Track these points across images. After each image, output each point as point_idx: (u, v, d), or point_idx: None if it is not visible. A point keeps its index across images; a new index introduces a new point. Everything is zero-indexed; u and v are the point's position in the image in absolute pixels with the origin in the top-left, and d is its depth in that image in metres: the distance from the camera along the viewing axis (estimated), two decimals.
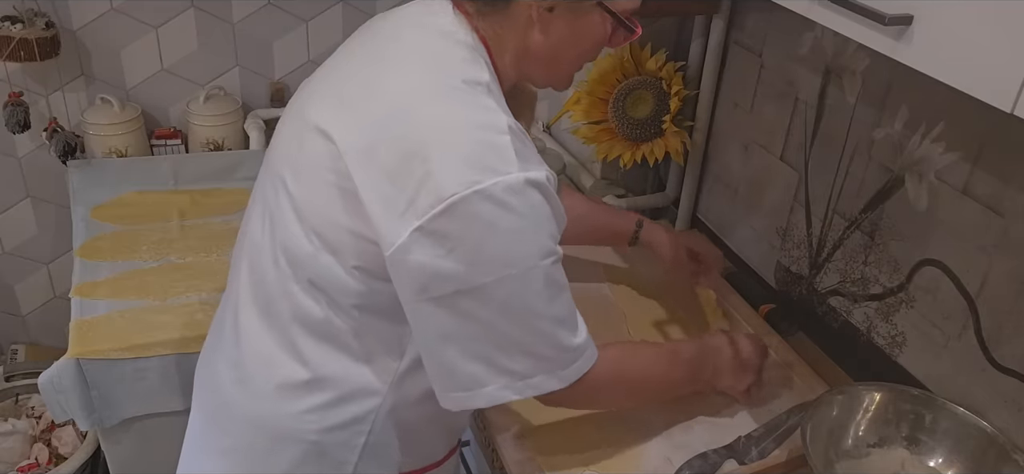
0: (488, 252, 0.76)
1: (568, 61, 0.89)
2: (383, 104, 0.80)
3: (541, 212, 0.77)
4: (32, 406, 1.93)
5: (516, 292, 0.78)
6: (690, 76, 1.51)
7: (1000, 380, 1.02)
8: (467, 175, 0.74)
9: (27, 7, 1.77)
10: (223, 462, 0.94)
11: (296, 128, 0.87)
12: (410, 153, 0.76)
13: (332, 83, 0.88)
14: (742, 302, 1.35)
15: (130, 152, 1.93)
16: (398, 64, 0.83)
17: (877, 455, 1.03)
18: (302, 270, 0.84)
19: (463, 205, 0.74)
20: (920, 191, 1.10)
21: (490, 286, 0.77)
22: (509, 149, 0.76)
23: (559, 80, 0.92)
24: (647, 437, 1.07)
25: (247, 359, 0.91)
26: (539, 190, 0.77)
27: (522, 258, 0.77)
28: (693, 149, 1.54)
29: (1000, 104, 0.63)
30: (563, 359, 0.84)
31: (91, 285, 1.52)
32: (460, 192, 0.73)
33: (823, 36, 1.23)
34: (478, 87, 0.80)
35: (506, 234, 0.75)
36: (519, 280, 0.77)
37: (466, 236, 0.75)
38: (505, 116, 0.79)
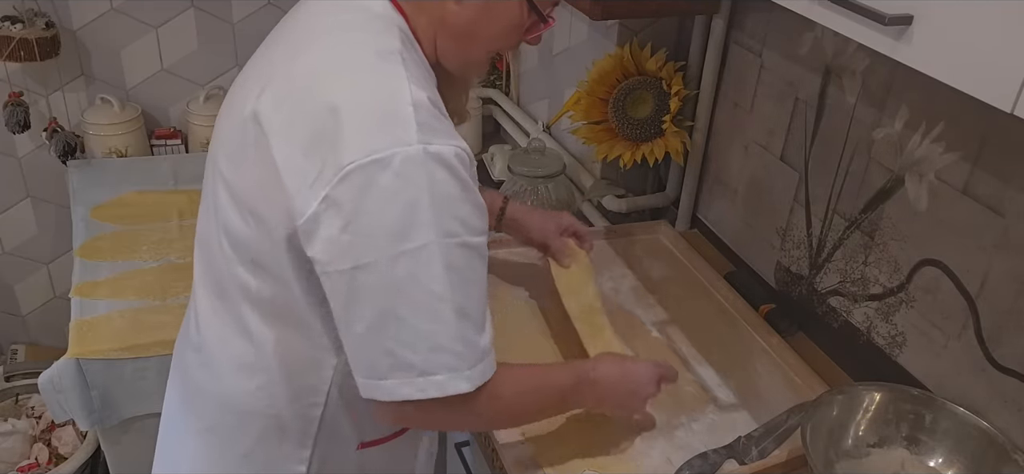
0: (383, 225, 0.74)
1: (482, 42, 0.86)
2: (296, 80, 0.80)
3: (444, 188, 0.75)
4: (32, 406, 1.93)
5: (412, 271, 0.75)
6: (690, 76, 1.51)
7: (1000, 380, 1.02)
8: (367, 144, 0.73)
9: (27, 7, 1.77)
10: (198, 442, 0.97)
11: (227, 115, 0.89)
12: (319, 126, 0.75)
13: (257, 67, 0.89)
14: (742, 302, 1.35)
15: (130, 152, 1.93)
16: (312, 40, 0.83)
17: (877, 455, 1.03)
18: (244, 251, 0.84)
19: (360, 174, 0.73)
20: (920, 191, 1.10)
21: (385, 263, 0.74)
22: (411, 120, 0.74)
23: (471, 63, 0.89)
24: (647, 437, 1.07)
25: (207, 342, 0.93)
26: (444, 165, 0.75)
27: (418, 233, 0.74)
28: (693, 149, 1.54)
29: (1000, 104, 0.63)
30: (468, 356, 0.80)
31: (91, 285, 1.52)
32: (358, 160, 0.73)
33: (823, 36, 1.23)
34: (390, 57, 0.79)
35: (403, 207, 0.73)
36: (415, 258, 0.75)
37: (362, 207, 0.73)
38: (416, 87, 0.77)
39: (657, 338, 1.27)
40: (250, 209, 0.82)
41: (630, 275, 1.43)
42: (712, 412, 1.13)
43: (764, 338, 1.28)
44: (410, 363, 0.78)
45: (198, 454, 0.97)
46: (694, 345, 1.26)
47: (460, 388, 0.79)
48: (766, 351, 1.27)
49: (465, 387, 0.80)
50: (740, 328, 1.32)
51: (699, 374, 1.20)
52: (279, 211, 0.78)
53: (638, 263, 1.46)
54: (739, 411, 1.13)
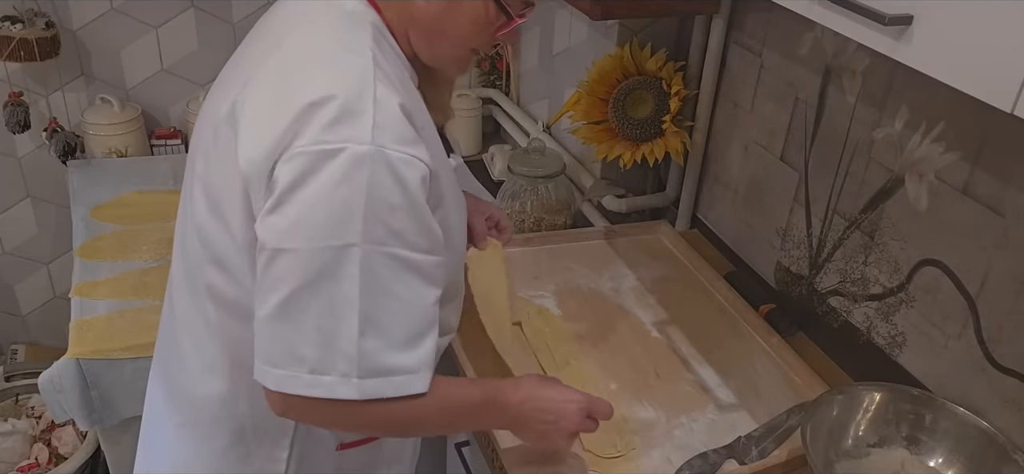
0: (313, 215, 0.73)
1: (452, 38, 0.85)
2: (268, 76, 0.80)
3: (383, 195, 0.74)
4: (32, 406, 1.93)
5: (329, 267, 0.74)
6: (690, 76, 1.51)
7: (1000, 380, 1.02)
8: (320, 135, 0.73)
9: (27, 7, 1.77)
10: (178, 436, 0.97)
11: (204, 113, 0.89)
12: (279, 118, 0.75)
13: (236, 65, 0.89)
14: (742, 302, 1.35)
15: (130, 152, 1.93)
16: (285, 37, 0.84)
17: (877, 455, 1.03)
18: (210, 250, 0.84)
19: (304, 159, 0.73)
20: (920, 191, 1.10)
21: (305, 253, 0.74)
22: (368, 118, 0.73)
23: (445, 58, 0.88)
24: (647, 437, 1.07)
25: (182, 341, 0.93)
26: (391, 172, 0.74)
27: (344, 232, 0.73)
28: (693, 149, 1.54)
29: (1000, 104, 0.63)
30: (362, 367, 0.77)
31: (91, 285, 1.52)
32: (307, 147, 0.73)
33: (823, 36, 1.23)
34: (360, 54, 0.78)
35: (336, 203, 0.73)
36: (335, 255, 0.73)
37: (298, 193, 0.73)
38: (384, 87, 0.76)
39: (657, 338, 1.27)
40: (216, 206, 0.82)
41: (630, 275, 1.43)
42: (712, 412, 1.13)
43: (764, 338, 1.29)
44: (302, 357, 0.76)
45: (178, 448, 0.97)
46: (694, 345, 1.26)
47: (347, 395, 0.77)
48: (766, 351, 1.27)
49: (350, 394, 0.77)
50: (740, 328, 1.32)
51: (699, 374, 1.20)
52: (240, 210, 0.78)
53: (638, 263, 1.46)
54: (739, 411, 1.13)
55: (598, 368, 1.19)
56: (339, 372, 0.77)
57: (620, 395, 1.14)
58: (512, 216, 1.60)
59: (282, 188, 0.73)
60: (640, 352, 1.23)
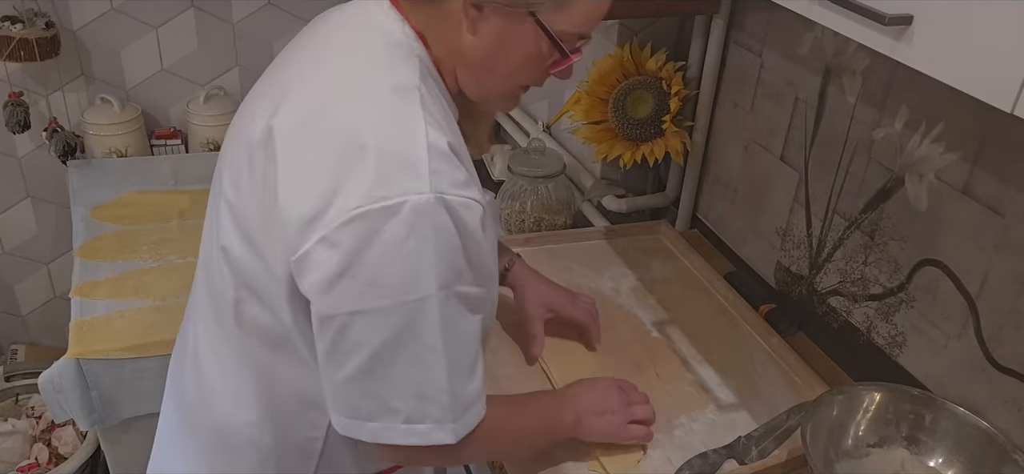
0: (386, 274, 0.71)
1: (500, 75, 0.82)
2: (310, 106, 0.77)
3: (449, 240, 0.73)
4: (32, 406, 1.93)
5: (410, 322, 0.73)
6: (690, 76, 1.51)
7: (1000, 380, 1.02)
8: (375, 190, 0.70)
9: (27, 7, 1.77)
10: (194, 462, 0.95)
11: (235, 134, 0.86)
12: (326, 159, 0.73)
13: (269, 85, 0.86)
14: (742, 302, 1.35)
15: (130, 152, 1.93)
16: (328, 64, 0.81)
17: (877, 455, 1.03)
18: (242, 278, 0.82)
19: (365, 220, 0.70)
20: (920, 191, 1.10)
21: (383, 311, 0.73)
22: (424, 166, 0.71)
23: (492, 94, 0.85)
24: None
25: (203, 364, 0.91)
26: (452, 216, 0.72)
27: (420, 285, 0.72)
28: (693, 149, 1.54)
29: (1000, 104, 0.63)
30: (454, 407, 0.78)
31: (91, 285, 1.52)
32: (364, 206, 0.70)
33: (823, 36, 1.23)
34: (407, 94, 0.75)
35: (407, 258, 0.71)
36: (414, 309, 0.73)
37: (366, 255, 0.71)
38: (433, 129, 0.74)
39: (657, 338, 1.27)
40: (250, 236, 0.80)
41: (630, 275, 1.43)
42: (712, 412, 1.13)
43: (764, 338, 1.28)
44: (396, 409, 0.77)
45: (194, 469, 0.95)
46: (694, 345, 1.26)
47: (444, 440, 0.78)
48: (766, 351, 1.27)
49: (449, 439, 0.78)
50: (740, 328, 1.32)
51: (699, 374, 1.20)
52: (278, 243, 0.76)
53: (638, 263, 1.46)
54: (739, 411, 1.13)
55: (598, 368, 1.19)
56: (433, 419, 0.78)
57: None
58: (512, 216, 1.60)
59: (348, 252, 0.71)
60: (640, 352, 1.23)
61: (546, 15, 0.77)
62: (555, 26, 0.77)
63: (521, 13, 0.76)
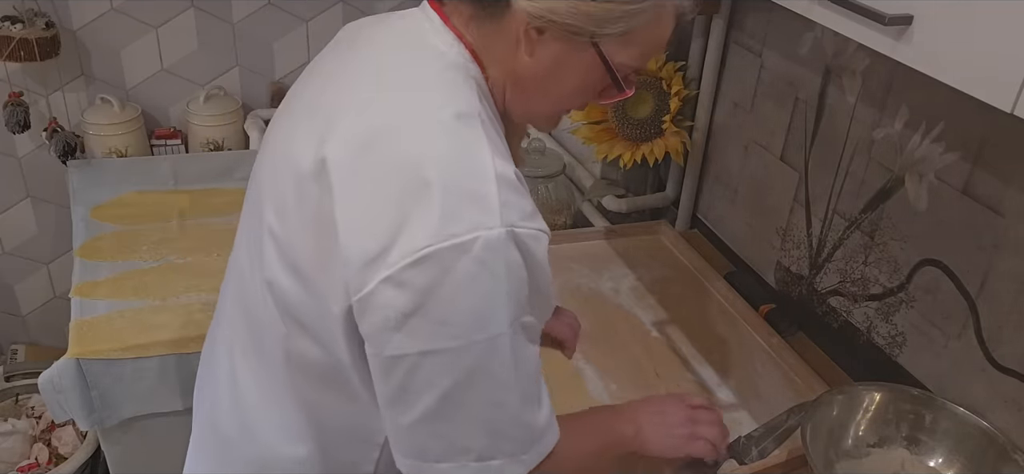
0: (458, 312, 0.68)
1: (552, 99, 0.79)
2: (364, 141, 0.72)
3: (520, 273, 0.70)
4: (32, 406, 1.93)
5: (483, 360, 0.70)
6: (690, 76, 1.51)
7: (1000, 380, 1.02)
8: (445, 227, 0.67)
9: (27, 7, 1.77)
10: None
11: (281, 161, 0.80)
12: (391, 193, 0.69)
13: (312, 110, 0.80)
14: (742, 302, 1.35)
15: (130, 152, 1.93)
16: (380, 93, 0.76)
17: (877, 455, 1.03)
18: (292, 313, 0.79)
19: (436, 259, 0.66)
20: (920, 191, 1.10)
21: (455, 350, 0.69)
22: (494, 199, 0.68)
23: (538, 116, 0.83)
24: None
25: (248, 402, 0.87)
26: (522, 250, 0.70)
27: (492, 323, 0.69)
28: (693, 149, 1.54)
29: (1000, 104, 0.63)
30: (526, 440, 0.76)
31: (91, 285, 1.52)
32: (434, 245, 0.66)
33: (823, 36, 1.23)
34: (470, 121, 0.72)
35: (479, 296, 0.68)
36: (486, 347, 0.70)
37: (436, 293, 0.67)
38: (499, 159, 0.71)
39: (657, 338, 1.27)
40: (301, 272, 0.76)
41: (630, 275, 1.43)
42: None
43: (764, 338, 1.29)
44: (467, 448, 0.73)
45: None
46: (694, 345, 1.26)
47: (515, 473, 0.76)
48: (766, 351, 1.27)
49: (520, 471, 0.76)
50: (740, 328, 1.32)
51: (699, 374, 1.20)
52: (336, 283, 0.72)
53: (638, 263, 1.46)
54: (739, 411, 1.13)
55: (598, 368, 1.19)
56: (506, 454, 0.75)
57: (620, 395, 1.14)
58: None
59: (419, 292, 0.68)
60: (640, 352, 1.23)
61: (608, 46, 0.74)
62: (615, 58, 0.75)
63: (584, 41, 0.74)
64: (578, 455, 0.86)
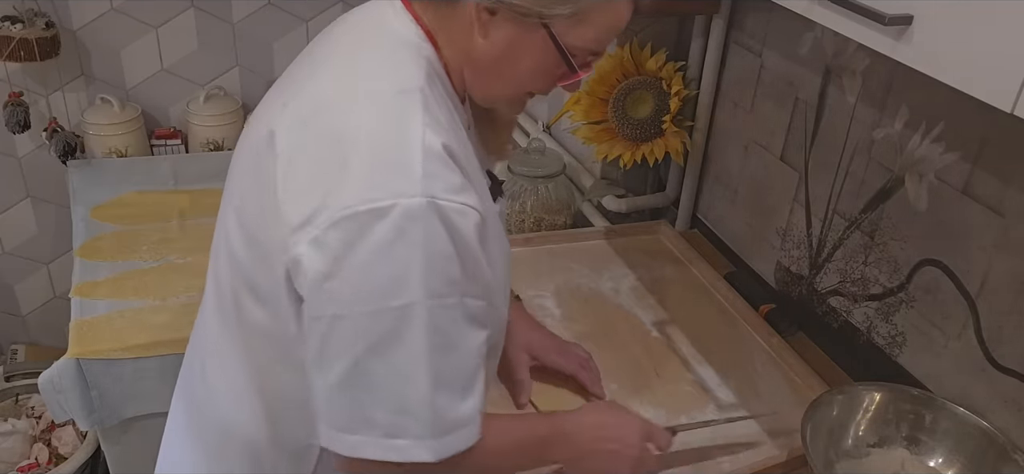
0: (371, 278, 0.70)
1: (508, 81, 0.79)
2: (311, 102, 0.77)
3: (440, 246, 0.70)
4: (32, 406, 1.93)
5: (394, 329, 0.71)
6: (690, 76, 1.51)
7: (1000, 380, 1.02)
8: (366, 192, 0.69)
9: (27, 7, 1.77)
10: (199, 460, 0.94)
11: (245, 135, 0.86)
12: (323, 158, 0.72)
13: (281, 86, 0.85)
14: (742, 302, 1.35)
15: (130, 152, 1.93)
16: (334, 61, 0.80)
17: (877, 455, 1.03)
18: (244, 276, 0.81)
19: (354, 221, 0.69)
20: (920, 191, 1.10)
21: (366, 316, 0.71)
22: (417, 169, 0.69)
23: (499, 99, 0.83)
24: None
25: (209, 364, 0.90)
26: (444, 221, 0.70)
27: (405, 291, 0.70)
28: (693, 149, 1.54)
29: (1000, 104, 0.63)
30: (436, 426, 0.74)
31: (91, 285, 1.52)
32: (354, 208, 0.68)
33: (823, 36, 1.23)
34: (409, 95, 0.74)
35: (394, 262, 0.69)
36: (398, 316, 0.70)
37: (352, 256, 0.69)
38: (431, 132, 0.72)
39: (657, 338, 1.27)
40: (252, 236, 0.79)
41: (630, 275, 1.43)
42: (712, 412, 1.13)
43: (764, 338, 1.29)
44: (375, 422, 0.74)
45: (197, 467, 0.94)
46: (694, 345, 1.26)
47: (421, 457, 0.75)
48: (766, 351, 1.27)
49: (427, 457, 0.75)
50: (740, 328, 1.32)
51: (699, 374, 1.20)
52: (277, 243, 0.74)
53: (638, 263, 1.46)
54: (739, 411, 1.13)
55: (598, 368, 1.19)
56: (413, 435, 0.74)
57: (620, 395, 1.14)
58: (512, 216, 1.60)
59: (335, 253, 0.70)
60: (640, 352, 1.23)
61: (559, 27, 0.75)
62: (567, 39, 0.75)
63: (534, 22, 0.74)
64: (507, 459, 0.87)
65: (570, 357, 1.14)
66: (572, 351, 1.15)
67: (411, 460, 0.75)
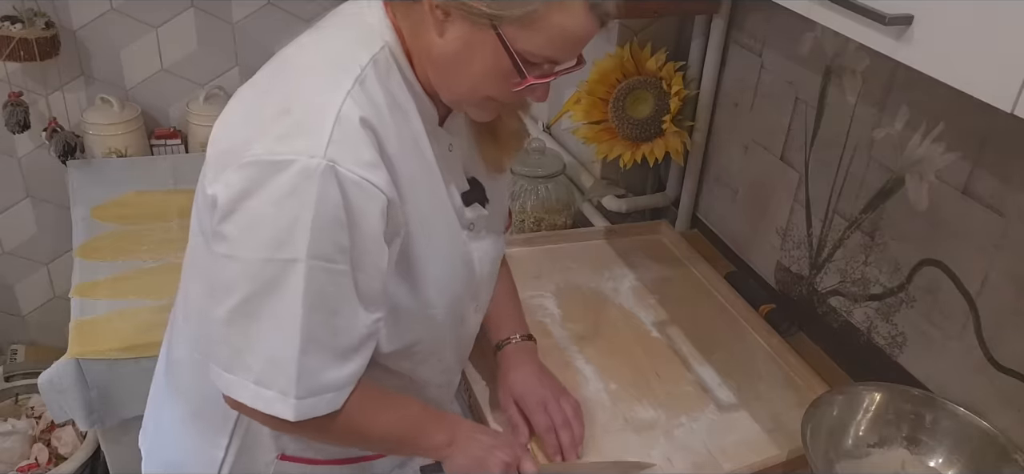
0: (261, 226, 0.73)
1: (465, 82, 0.79)
2: (269, 68, 0.82)
3: (331, 211, 0.72)
4: (32, 406, 1.93)
5: (276, 280, 0.74)
6: (690, 76, 1.51)
7: (1000, 380, 1.02)
8: (275, 145, 0.73)
9: (27, 7, 1.77)
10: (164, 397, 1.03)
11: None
12: (252, 117, 0.77)
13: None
14: (742, 302, 1.35)
15: (130, 152, 1.93)
16: (301, 39, 0.84)
17: (877, 455, 1.03)
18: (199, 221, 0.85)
19: (256, 168, 0.73)
20: (920, 191, 1.10)
21: (254, 262, 0.74)
22: (326, 133, 0.72)
23: (461, 102, 0.83)
24: (647, 436, 1.07)
25: (176, 311, 0.98)
26: (340, 188, 0.72)
27: (290, 246, 0.73)
28: (693, 149, 1.54)
29: (1000, 104, 0.63)
30: (300, 385, 0.78)
31: (91, 285, 1.52)
32: (259, 156, 0.73)
33: (823, 36, 1.23)
34: (347, 68, 0.76)
35: (284, 215, 0.72)
36: (281, 269, 0.74)
37: (249, 200, 0.73)
38: (353, 103, 0.74)
39: (657, 338, 1.27)
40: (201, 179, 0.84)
41: (630, 275, 1.43)
42: (712, 412, 1.13)
43: (764, 338, 1.29)
44: (249, 366, 0.78)
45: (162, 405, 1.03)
46: (694, 345, 1.26)
47: (282, 413, 0.78)
48: (766, 351, 1.27)
49: (287, 414, 0.78)
50: (740, 328, 1.32)
51: (699, 374, 1.20)
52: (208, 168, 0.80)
53: (638, 263, 1.46)
54: (739, 411, 1.13)
55: (598, 368, 1.19)
56: (279, 388, 0.78)
57: (620, 395, 1.14)
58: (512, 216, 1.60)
59: (233, 195, 0.74)
60: (640, 352, 1.23)
61: (508, 31, 0.74)
62: (517, 44, 0.75)
63: (485, 24, 0.74)
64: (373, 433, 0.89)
65: (554, 413, 1.03)
66: (557, 405, 1.04)
67: (273, 414, 0.78)
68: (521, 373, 1.06)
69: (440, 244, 0.88)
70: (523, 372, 1.06)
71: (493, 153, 0.94)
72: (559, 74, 0.80)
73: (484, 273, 0.97)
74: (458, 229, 0.90)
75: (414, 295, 0.87)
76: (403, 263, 0.84)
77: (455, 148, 0.89)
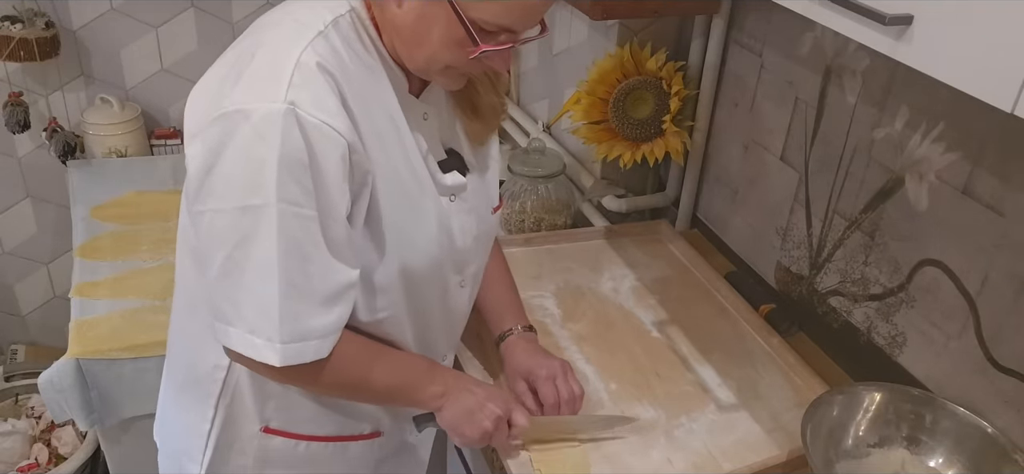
0: (234, 175, 0.76)
1: (424, 51, 0.80)
2: (247, 32, 0.85)
3: (294, 154, 0.74)
4: (32, 406, 1.93)
5: (253, 228, 0.76)
6: (690, 76, 1.51)
7: (1000, 380, 1.02)
8: (240, 95, 0.75)
9: (27, 7, 1.77)
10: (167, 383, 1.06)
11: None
12: (229, 67, 0.80)
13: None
14: (742, 302, 1.35)
15: (130, 152, 1.93)
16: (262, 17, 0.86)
17: (877, 455, 1.03)
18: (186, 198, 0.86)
19: (224, 120, 0.75)
20: (920, 191, 1.10)
21: (233, 213, 0.76)
22: (285, 80, 0.74)
23: (424, 70, 0.84)
24: (648, 436, 1.07)
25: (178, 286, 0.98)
26: (301, 131, 0.74)
27: (262, 190, 0.75)
28: (693, 149, 1.54)
29: (1000, 104, 0.63)
30: (283, 331, 0.80)
31: (91, 285, 1.52)
32: (228, 109, 0.75)
33: (823, 36, 1.23)
34: (309, 26, 0.79)
35: (252, 162, 0.75)
36: (255, 215, 0.76)
37: (222, 153, 0.75)
38: (312, 53, 0.76)
39: (657, 338, 1.27)
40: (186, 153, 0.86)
41: (630, 275, 1.43)
42: (712, 412, 1.13)
43: (764, 338, 1.28)
44: (243, 316, 0.80)
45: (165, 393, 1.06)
46: (694, 345, 1.26)
47: (269, 359, 0.80)
48: (766, 351, 1.27)
49: (273, 360, 0.80)
50: (740, 328, 1.32)
51: (699, 374, 1.20)
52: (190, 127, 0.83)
53: (638, 263, 1.46)
54: (739, 411, 1.13)
55: (598, 368, 1.19)
56: (266, 335, 0.80)
57: (620, 395, 1.14)
58: (512, 216, 1.60)
59: (210, 150, 0.76)
60: (640, 352, 1.23)
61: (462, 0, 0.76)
62: (470, 12, 0.76)
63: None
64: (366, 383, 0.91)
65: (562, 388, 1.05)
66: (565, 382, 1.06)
67: (262, 360, 0.81)
68: (528, 353, 1.09)
69: (413, 204, 0.89)
70: (529, 351, 1.09)
71: (474, 126, 0.95)
72: (518, 43, 0.82)
73: (467, 245, 0.97)
74: (436, 196, 0.91)
75: (388, 257, 0.87)
76: (374, 220, 0.85)
77: (431, 117, 0.90)
